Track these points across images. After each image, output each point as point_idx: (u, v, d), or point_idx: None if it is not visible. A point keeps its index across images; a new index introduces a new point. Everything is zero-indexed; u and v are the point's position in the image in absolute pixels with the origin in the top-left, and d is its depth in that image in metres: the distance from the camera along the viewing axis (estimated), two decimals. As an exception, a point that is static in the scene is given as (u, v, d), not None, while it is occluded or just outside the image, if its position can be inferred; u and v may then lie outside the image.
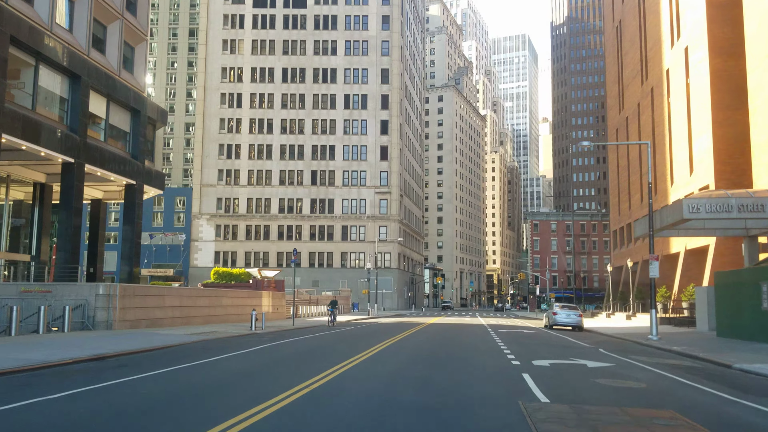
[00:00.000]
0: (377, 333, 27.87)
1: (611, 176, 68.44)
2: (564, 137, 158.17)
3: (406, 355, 16.98)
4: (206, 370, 13.97)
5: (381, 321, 43.73)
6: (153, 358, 15.83)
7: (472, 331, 30.02)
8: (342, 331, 29.38)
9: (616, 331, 31.48)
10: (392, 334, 26.87)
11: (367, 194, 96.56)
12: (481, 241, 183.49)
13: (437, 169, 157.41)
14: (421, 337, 25.16)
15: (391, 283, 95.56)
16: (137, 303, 24.70)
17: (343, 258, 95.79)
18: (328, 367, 13.99)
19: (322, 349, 19.07)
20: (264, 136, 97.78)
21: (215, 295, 31.76)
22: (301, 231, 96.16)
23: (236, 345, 20.03)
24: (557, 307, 33.89)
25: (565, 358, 16.95)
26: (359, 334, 27.30)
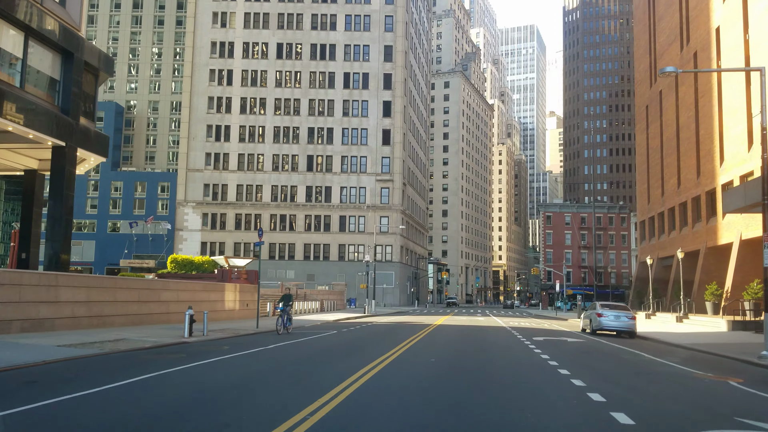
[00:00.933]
0: (359, 346, 19.26)
1: (638, 160, 60.87)
2: (575, 127, 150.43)
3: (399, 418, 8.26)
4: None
5: (377, 321, 36.36)
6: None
7: (498, 340, 22.47)
8: (298, 344, 19.34)
9: (683, 339, 24.09)
10: (382, 347, 18.11)
11: (367, 182, 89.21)
12: (487, 236, 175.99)
13: (443, 159, 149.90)
14: (428, 355, 16.36)
15: (392, 277, 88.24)
16: (6, 295, 17.29)
17: (340, 250, 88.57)
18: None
19: (236, 390, 10.29)
20: (256, 116, 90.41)
21: (148, 287, 24.15)
22: (296, 221, 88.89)
23: (116, 370, 12.49)
24: (601, 306, 26.39)
25: (706, 411, 9.55)
26: (326, 348, 18.44)
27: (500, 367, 14.37)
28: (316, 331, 25.43)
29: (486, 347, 19.46)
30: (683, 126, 47.63)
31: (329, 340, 21.78)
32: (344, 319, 37.03)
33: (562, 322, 42.29)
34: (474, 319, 40.99)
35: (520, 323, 35.85)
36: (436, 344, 20.22)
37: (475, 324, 33.59)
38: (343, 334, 24.36)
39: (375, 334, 24.39)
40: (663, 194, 52.57)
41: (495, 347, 19.38)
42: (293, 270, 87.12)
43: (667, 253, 50.71)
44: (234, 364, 14.02)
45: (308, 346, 18.75)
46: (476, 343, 21.22)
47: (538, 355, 16.49)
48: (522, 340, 21.88)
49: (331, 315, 40.60)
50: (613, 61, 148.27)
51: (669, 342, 22.92)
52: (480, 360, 15.64)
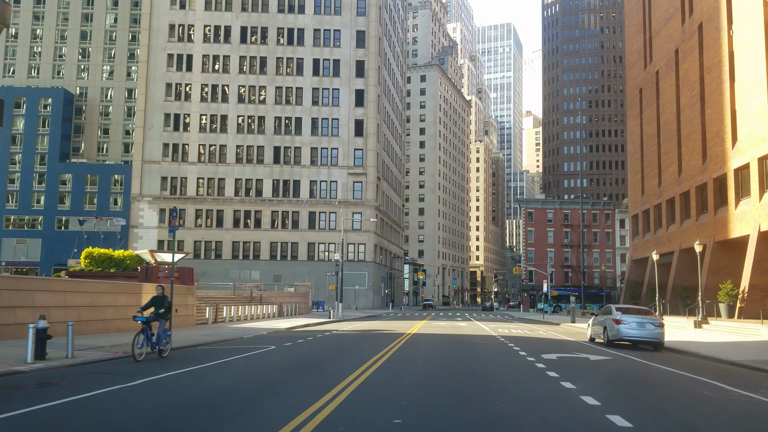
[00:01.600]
0: (282, 381, 12.45)
1: (631, 149, 55.92)
2: (554, 123, 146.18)
3: None
4: None
5: (340, 329, 30.19)
6: None
7: (497, 361, 16.34)
8: (160, 382, 11.92)
9: (731, 352, 18.63)
10: (321, 381, 11.88)
11: (338, 175, 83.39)
12: (465, 236, 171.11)
13: (419, 155, 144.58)
14: (391, 403, 9.71)
15: (365, 278, 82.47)
16: None
17: (310, 249, 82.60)
18: None
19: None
20: (218, 105, 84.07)
21: (12, 287, 17.85)
22: (261, 217, 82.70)
23: None
24: (619, 311, 20.67)
25: None
26: (215, 389, 11.31)
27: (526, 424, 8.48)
28: (245, 348, 18.84)
29: (485, 376, 13.24)
30: (685, 107, 42.64)
31: (241, 366, 14.62)
32: (301, 326, 31.16)
33: (554, 327, 36.86)
34: (455, 325, 35.43)
35: (511, 330, 30.23)
36: (407, 372, 13.68)
37: (459, 332, 27.91)
38: (277, 353, 17.70)
39: (325, 353, 18.21)
40: (660, 184, 47.57)
41: (498, 375, 13.22)
42: (258, 270, 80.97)
43: (666, 249, 45.66)
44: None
45: (178, 387, 11.43)
46: (468, 367, 14.86)
47: (574, 394, 10.55)
48: (529, 360, 15.96)
49: (287, 321, 34.66)
50: (593, 56, 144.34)
51: (720, 358, 17.37)
52: (484, 410, 9.41)
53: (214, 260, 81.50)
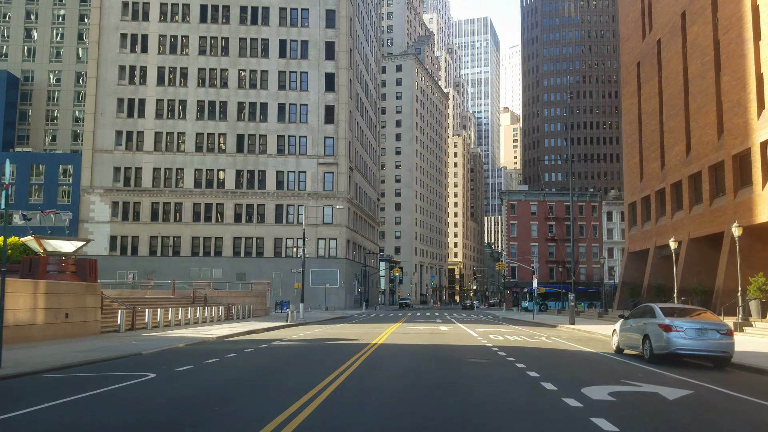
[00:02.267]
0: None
1: (627, 130, 50.55)
2: (535, 115, 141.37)
3: None
4: None
5: (288, 339, 22.09)
6: None
7: (509, 402, 9.83)
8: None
9: None
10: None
11: (307, 165, 77.22)
12: (443, 232, 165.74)
13: (395, 148, 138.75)
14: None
15: (336, 276, 76.37)
16: None
17: (276, 245, 76.36)
18: None
19: None
20: (176, 89, 77.38)
21: None
22: (223, 211, 76.22)
23: None
24: (668, 313, 14.77)
25: None
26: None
27: None
28: (114, 377, 12.52)
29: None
30: (695, 76, 37.29)
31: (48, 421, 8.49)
32: (242, 334, 24.95)
33: (553, 330, 31.01)
34: (434, 329, 29.42)
35: (506, 337, 23.78)
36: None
37: (440, 341, 21.31)
38: (145, 389, 11.27)
39: (233, 385, 11.67)
40: (663, 167, 42.23)
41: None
42: (220, 268, 74.57)
43: (673, 238, 40.22)
44: None
45: None
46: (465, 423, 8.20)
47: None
48: (570, 405, 9.29)
49: (229, 327, 28.36)
50: (574, 45, 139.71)
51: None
52: None
53: (172, 257, 74.86)
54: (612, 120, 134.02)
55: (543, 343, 21.21)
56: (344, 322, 38.94)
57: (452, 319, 44.24)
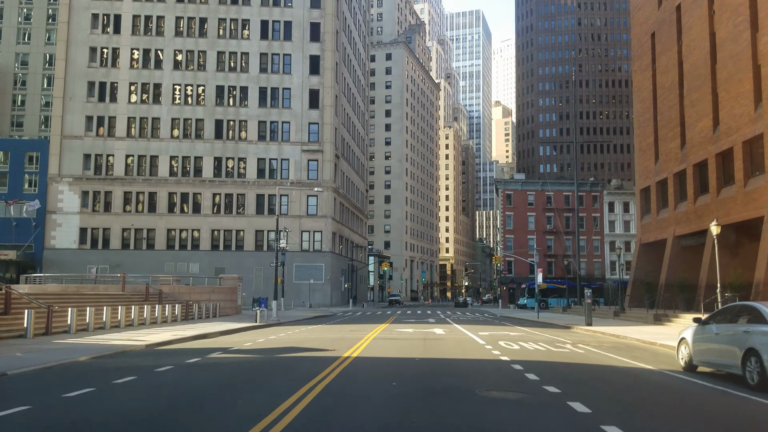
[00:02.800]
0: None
1: (638, 109, 46.11)
2: (529, 105, 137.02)
3: None
4: None
5: (240, 349, 16.78)
6: None
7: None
8: None
9: None
10: None
11: (290, 152, 72.55)
12: (434, 227, 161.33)
13: (385, 139, 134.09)
14: None
15: (322, 271, 71.81)
16: None
17: (258, 237, 71.66)
18: None
19: None
20: (150, 72, 72.44)
21: None
22: (201, 201, 71.43)
23: None
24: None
25: None
26: None
27: None
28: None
29: None
30: (725, 41, 32.91)
31: None
32: (186, 339, 20.20)
33: (571, 334, 26.42)
34: (428, 331, 24.89)
35: (522, 345, 18.30)
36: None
37: (438, 352, 16.54)
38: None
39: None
40: (684, 145, 37.84)
41: None
42: (198, 262, 69.87)
43: (693, 228, 36.01)
44: None
45: None
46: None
47: None
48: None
49: (176, 330, 23.43)
50: (570, 33, 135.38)
51: None
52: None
53: (146, 251, 70.07)
54: (609, 110, 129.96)
55: (575, 355, 16.43)
56: (324, 322, 34.40)
57: (447, 319, 39.76)
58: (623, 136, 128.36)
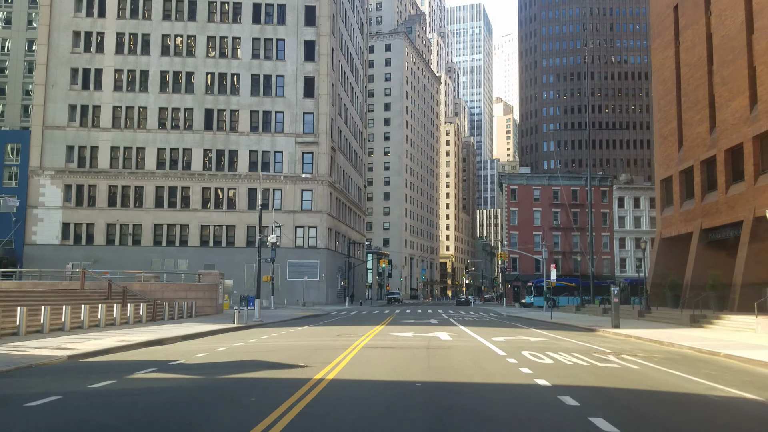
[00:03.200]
0: None
1: (659, 91, 42.33)
2: (533, 99, 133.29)
3: None
4: None
5: (175, 364, 13.92)
6: None
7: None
8: None
9: None
10: None
11: (284, 144, 68.99)
12: (434, 224, 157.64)
13: (384, 134, 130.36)
14: None
15: (317, 268, 68.22)
16: None
17: (249, 233, 68.06)
18: None
19: None
20: (137, 58, 68.84)
21: None
22: (190, 195, 67.87)
23: None
24: None
25: None
26: None
27: None
28: None
29: None
30: (764, 7, 29.22)
31: None
32: (135, 346, 16.31)
33: (597, 337, 22.61)
34: (431, 335, 21.25)
35: (555, 357, 14.81)
36: None
37: (446, 373, 12.72)
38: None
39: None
40: (714, 129, 34.20)
41: None
42: (186, 259, 66.28)
43: (724, 220, 32.40)
44: None
45: None
46: None
47: None
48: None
49: (131, 334, 19.41)
50: (575, 23, 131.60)
51: None
52: None
53: (132, 247, 66.54)
54: (616, 103, 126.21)
55: (632, 375, 12.24)
56: (313, 323, 30.83)
57: (450, 319, 36.16)
58: (630, 131, 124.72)
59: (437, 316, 42.37)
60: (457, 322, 33.67)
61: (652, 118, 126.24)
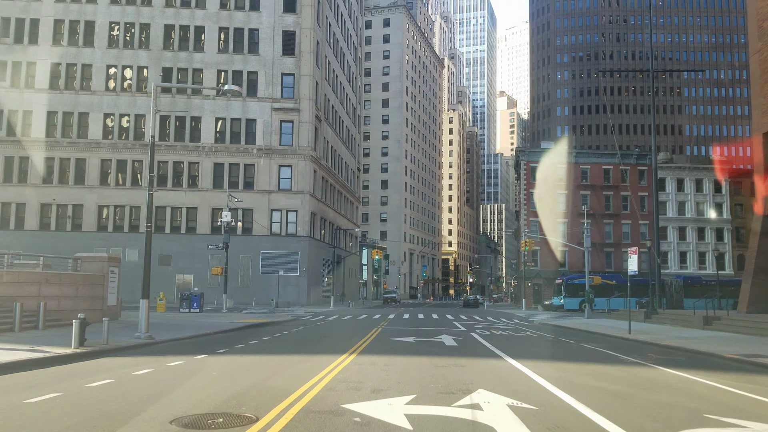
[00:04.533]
0: None
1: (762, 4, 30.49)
2: (545, 80, 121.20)
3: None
4: None
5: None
6: None
7: None
8: None
9: None
10: None
11: (258, 110, 57.33)
12: (437, 217, 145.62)
13: (382, 116, 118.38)
14: None
15: (296, 260, 56.39)
16: None
17: (214, 217, 56.28)
18: None
19: None
20: (81, 6, 57.53)
21: None
22: (142, 170, 56.17)
23: None
24: None
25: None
26: None
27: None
28: None
29: None
30: None
31: None
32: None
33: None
34: (451, 382, 10.22)
35: None
36: None
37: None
38: None
39: None
40: None
41: None
42: (136, 248, 54.60)
43: None
44: None
45: None
46: None
47: None
48: None
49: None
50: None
51: None
52: None
53: (71, 232, 54.83)
54: (637, 85, 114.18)
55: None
56: (247, 340, 19.17)
57: (472, 333, 24.37)
58: (648, 115, 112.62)
59: (446, 324, 30.59)
60: (481, 337, 21.98)
61: (683, 98, 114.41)
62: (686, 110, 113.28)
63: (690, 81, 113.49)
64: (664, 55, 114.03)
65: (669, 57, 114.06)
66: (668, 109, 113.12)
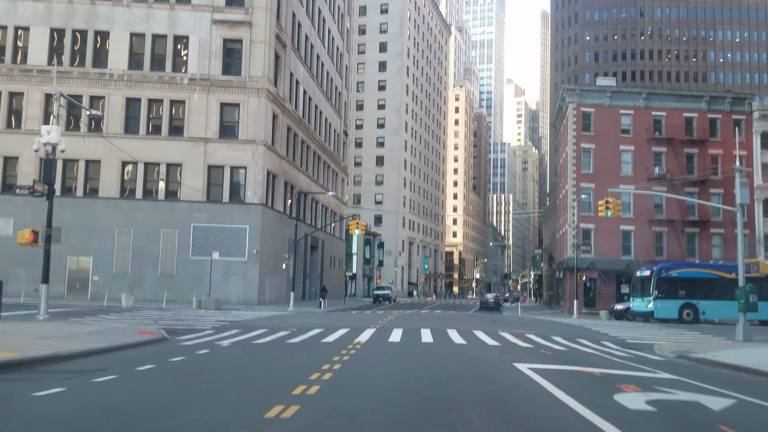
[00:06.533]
0: None
1: None
2: (572, 41, 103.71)
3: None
4: None
5: None
6: None
7: None
8: None
9: None
10: None
11: (192, 24, 40.16)
12: (440, 202, 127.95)
13: (378, 82, 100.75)
14: None
15: (245, 237, 38.78)
16: None
17: (125, 174, 38.73)
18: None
19: None
20: None
21: None
22: (25, 106, 39.01)
23: None
24: None
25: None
26: None
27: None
28: None
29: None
30: None
31: None
32: None
33: None
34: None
35: None
36: None
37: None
38: None
39: None
40: None
41: None
42: (11, 216, 37.90)
43: None
44: None
45: None
46: None
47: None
48: None
49: None
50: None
51: None
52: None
53: None
54: (681, 48, 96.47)
55: None
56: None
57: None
58: (694, 83, 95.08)
59: (470, 352, 13.40)
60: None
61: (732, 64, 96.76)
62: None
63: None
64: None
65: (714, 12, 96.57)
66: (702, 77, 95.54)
